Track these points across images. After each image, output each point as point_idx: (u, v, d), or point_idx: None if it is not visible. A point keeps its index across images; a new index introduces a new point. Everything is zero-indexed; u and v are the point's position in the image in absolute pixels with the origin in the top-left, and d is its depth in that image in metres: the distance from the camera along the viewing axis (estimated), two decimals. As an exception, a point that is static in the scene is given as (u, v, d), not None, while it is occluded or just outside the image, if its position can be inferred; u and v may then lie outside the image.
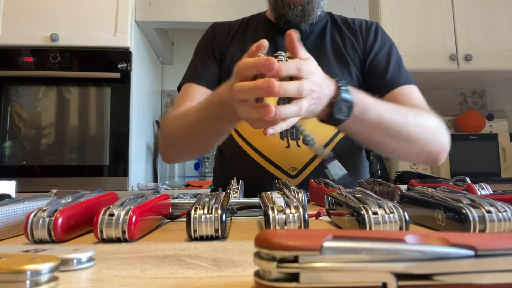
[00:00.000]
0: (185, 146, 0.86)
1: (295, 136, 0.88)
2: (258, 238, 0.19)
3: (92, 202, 0.42)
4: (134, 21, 1.81)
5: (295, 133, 0.88)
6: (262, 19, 1.01)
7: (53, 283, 0.22)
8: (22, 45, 1.68)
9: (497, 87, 2.33)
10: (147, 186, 1.77)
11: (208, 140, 0.80)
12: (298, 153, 0.87)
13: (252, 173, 0.87)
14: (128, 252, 0.32)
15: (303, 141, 0.79)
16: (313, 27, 0.96)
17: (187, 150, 0.89)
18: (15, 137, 1.66)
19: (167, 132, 0.88)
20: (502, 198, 0.44)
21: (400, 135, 0.73)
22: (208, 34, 1.02)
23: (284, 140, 0.88)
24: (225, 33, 1.00)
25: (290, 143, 0.88)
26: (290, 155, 0.88)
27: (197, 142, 0.82)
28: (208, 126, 0.73)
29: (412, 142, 0.76)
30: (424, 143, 0.78)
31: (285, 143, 0.88)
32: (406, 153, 0.79)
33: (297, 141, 0.88)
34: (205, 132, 0.76)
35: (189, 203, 0.52)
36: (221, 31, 1.00)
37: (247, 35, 0.98)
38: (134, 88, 1.73)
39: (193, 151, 0.90)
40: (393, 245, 0.19)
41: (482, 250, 0.19)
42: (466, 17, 2.02)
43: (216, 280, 0.24)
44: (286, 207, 0.35)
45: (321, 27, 0.98)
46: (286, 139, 0.88)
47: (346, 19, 1.01)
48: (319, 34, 0.96)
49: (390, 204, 0.35)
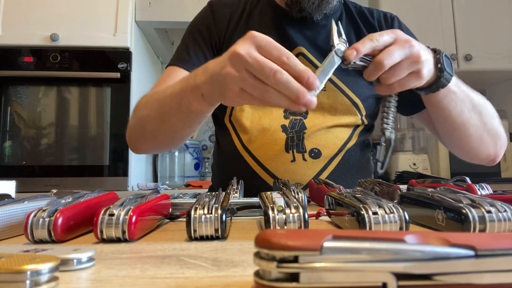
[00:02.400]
0: (156, 132, 0.72)
1: (301, 148, 0.81)
2: (258, 238, 0.19)
3: (92, 202, 0.42)
4: (134, 21, 1.81)
5: (301, 145, 0.81)
6: (268, 3, 0.89)
7: (53, 283, 0.22)
8: (22, 45, 1.68)
9: (497, 87, 2.33)
10: (147, 186, 1.77)
11: (182, 130, 0.69)
12: (304, 168, 0.80)
13: (252, 185, 0.79)
14: (128, 252, 0.32)
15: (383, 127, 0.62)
16: (327, 19, 0.86)
17: (158, 138, 0.74)
18: (15, 137, 1.66)
19: (138, 113, 0.76)
20: (502, 198, 0.44)
21: (481, 116, 0.72)
22: (206, 15, 0.89)
23: (289, 153, 0.80)
24: (226, 17, 0.88)
25: (295, 157, 0.80)
26: (296, 170, 0.80)
27: (170, 128, 0.69)
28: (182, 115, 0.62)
29: (489, 127, 0.74)
30: (496, 131, 0.77)
31: (290, 156, 0.80)
32: (479, 142, 0.76)
33: (303, 154, 0.81)
34: (178, 120, 0.64)
35: (189, 203, 0.52)
36: (221, 13, 0.88)
37: (253, 24, 0.86)
38: (134, 88, 1.73)
39: (164, 139, 0.74)
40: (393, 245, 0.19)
41: (482, 250, 0.19)
42: (466, 17, 2.02)
43: (216, 280, 0.24)
44: (286, 207, 0.35)
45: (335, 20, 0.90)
46: (291, 152, 0.81)
47: (362, 10, 0.91)
48: None
49: (390, 204, 0.35)
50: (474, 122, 0.72)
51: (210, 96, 0.53)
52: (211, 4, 0.91)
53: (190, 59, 0.83)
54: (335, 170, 0.82)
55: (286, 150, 0.81)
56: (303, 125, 0.82)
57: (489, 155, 0.81)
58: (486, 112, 0.74)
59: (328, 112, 0.84)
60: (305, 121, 0.83)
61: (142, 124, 0.74)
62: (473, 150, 0.79)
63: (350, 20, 0.90)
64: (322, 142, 0.82)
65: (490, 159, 0.83)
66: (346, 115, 0.84)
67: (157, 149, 0.85)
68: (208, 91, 0.52)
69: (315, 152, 0.81)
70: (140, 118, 0.75)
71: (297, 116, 0.83)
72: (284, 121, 0.83)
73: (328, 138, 0.83)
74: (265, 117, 0.83)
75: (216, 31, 0.86)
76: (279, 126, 0.82)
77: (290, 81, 0.43)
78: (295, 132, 0.82)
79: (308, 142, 0.82)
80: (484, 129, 0.74)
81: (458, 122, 0.71)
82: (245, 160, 0.83)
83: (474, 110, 0.71)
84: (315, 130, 0.82)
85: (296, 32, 0.86)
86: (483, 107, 0.73)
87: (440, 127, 0.77)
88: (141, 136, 0.77)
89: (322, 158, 0.81)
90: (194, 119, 0.63)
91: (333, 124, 0.83)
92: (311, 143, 0.81)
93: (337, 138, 0.84)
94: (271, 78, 0.42)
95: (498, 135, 0.78)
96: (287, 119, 0.83)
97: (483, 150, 0.79)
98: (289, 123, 0.83)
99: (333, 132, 0.83)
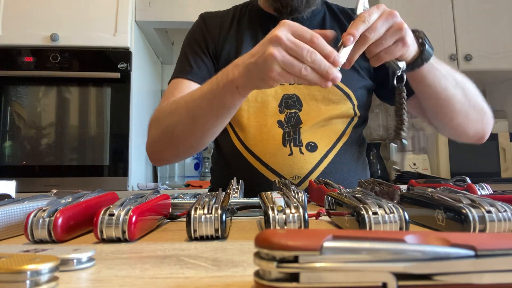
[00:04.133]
0: (187, 135, 0.75)
1: (297, 142, 0.83)
2: (258, 238, 0.19)
3: (92, 202, 0.42)
4: (134, 21, 1.81)
5: (298, 139, 0.83)
6: (255, 10, 0.94)
7: (53, 283, 0.22)
8: (22, 45, 1.68)
9: (497, 87, 2.33)
10: (147, 186, 1.77)
11: (214, 128, 0.73)
12: (302, 161, 0.83)
13: (252, 181, 0.82)
14: (128, 252, 0.32)
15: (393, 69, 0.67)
16: (311, 19, 0.90)
17: (189, 140, 0.76)
18: (15, 137, 1.66)
19: (162, 123, 0.79)
20: (502, 198, 0.44)
21: (465, 92, 0.76)
22: (199, 26, 0.94)
23: (287, 147, 0.83)
24: (217, 25, 0.93)
25: (293, 150, 0.83)
26: (293, 163, 0.83)
27: (202, 127, 0.72)
28: (214, 113, 0.68)
29: (474, 103, 0.78)
30: (481, 107, 0.80)
31: (287, 150, 0.83)
32: (466, 118, 0.79)
33: (300, 148, 0.83)
34: (211, 117, 0.69)
35: (189, 203, 0.52)
36: (213, 23, 0.93)
37: (243, 29, 0.91)
38: (134, 88, 1.73)
39: (195, 141, 0.76)
40: (393, 245, 0.19)
41: (482, 250, 0.19)
42: (466, 17, 2.02)
43: (216, 280, 0.24)
44: (286, 207, 0.35)
45: (320, 19, 0.93)
46: (289, 146, 0.83)
47: (344, 10, 0.96)
48: (318, 27, 0.89)
49: (390, 204, 0.35)
50: (459, 98, 0.76)
51: (245, 86, 0.60)
52: (202, 16, 0.96)
53: (192, 69, 0.87)
54: (331, 163, 0.85)
55: (284, 144, 0.84)
56: (298, 119, 0.85)
57: (477, 131, 0.84)
58: (469, 88, 0.78)
59: (322, 103, 0.86)
60: (300, 114, 0.85)
61: (170, 131, 0.77)
62: (461, 127, 0.82)
63: (334, 19, 0.94)
64: (318, 135, 0.85)
65: (479, 136, 0.86)
66: (339, 105, 0.86)
67: (184, 154, 0.85)
68: (243, 82, 0.59)
69: (312, 146, 0.84)
70: (166, 126, 0.78)
71: (292, 110, 0.86)
72: (279, 115, 0.85)
73: (324, 131, 0.86)
74: (261, 113, 0.86)
75: (210, 38, 0.91)
76: (275, 121, 0.85)
77: (322, 59, 0.51)
78: (291, 127, 0.84)
79: (304, 136, 0.84)
80: (469, 105, 0.78)
81: (443, 98, 0.75)
82: (244, 157, 0.86)
83: (457, 87, 0.75)
84: (311, 124, 0.84)
85: None
86: (465, 84, 0.77)
87: (428, 105, 0.80)
88: (169, 144, 0.80)
89: (318, 151, 0.84)
90: (225, 113, 0.69)
91: (328, 116, 0.85)
92: (307, 136, 0.84)
93: (332, 132, 0.87)
94: (308, 57, 0.51)
95: (483, 110, 0.81)
96: (282, 113, 0.85)
97: (470, 127, 0.82)
98: (284, 117, 0.85)
99: (328, 125, 0.86)
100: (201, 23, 0.94)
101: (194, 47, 0.91)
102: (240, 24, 0.93)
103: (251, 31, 0.91)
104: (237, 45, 0.89)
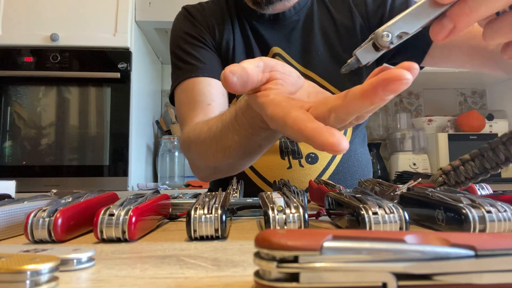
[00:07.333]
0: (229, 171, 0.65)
1: (297, 154, 0.79)
2: (258, 238, 0.19)
3: (92, 202, 0.42)
4: (134, 21, 1.81)
5: (296, 151, 0.78)
6: (241, 6, 0.85)
7: (53, 283, 0.22)
8: (22, 45, 1.68)
9: (497, 87, 2.33)
10: (147, 186, 1.77)
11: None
12: (301, 174, 0.78)
13: (250, 194, 0.74)
14: (128, 252, 0.32)
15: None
16: (299, 13, 0.82)
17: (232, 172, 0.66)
18: (15, 137, 1.66)
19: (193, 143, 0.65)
20: (502, 198, 0.44)
21: None
22: (185, 17, 0.85)
23: (285, 160, 0.78)
24: (204, 16, 0.84)
25: (292, 163, 0.78)
26: (293, 177, 0.78)
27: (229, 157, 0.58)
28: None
29: None
30: None
31: (286, 163, 0.78)
32: None
33: (300, 160, 0.78)
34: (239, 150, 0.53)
35: (189, 203, 0.52)
36: (199, 13, 0.85)
37: (228, 28, 0.83)
38: (134, 88, 1.73)
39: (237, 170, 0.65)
40: (393, 245, 0.19)
41: (482, 250, 0.19)
42: (466, 17, 2.02)
43: (216, 280, 0.24)
44: (286, 207, 0.35)
45: (307, 10, 0.84)
46: (287, 159, 0.79)
47: None
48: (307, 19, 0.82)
49: (390, 204, 0.35)
50: None
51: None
52: (186, 8, 0.89)
53: (200, 63, 0.78)
54: (334, 173, 0.81)
55: (282, 157, 0.79)
56: None
57: None
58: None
59: None
60: None
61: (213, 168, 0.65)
62: None
63: (321, 8, 0.84)
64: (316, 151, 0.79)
65: None
66: None
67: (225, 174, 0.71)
68: None
69: (312, 157, 0.80)
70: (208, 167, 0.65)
71: None
72: None
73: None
74: None
75: (204, 28, 0.83)
76: None
77: None
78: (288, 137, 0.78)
79: (303, 146, 0.80)
80: None
81: None
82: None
83: None
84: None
85: (270, 32, 0.83)
86: None
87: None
88: (214, 176, 0.74)
89: (319, 163, 0.80)
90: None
91: None
92: (307, 147, 0.79)
93: None
94: None
95: None
96: None
97: None
98: None
99: None
100: (188, 15, 0.85)
101: (191, 40, 0.81)
102: (225, 22, 0.85)
103: (236, 29, 0.83)
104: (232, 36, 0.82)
